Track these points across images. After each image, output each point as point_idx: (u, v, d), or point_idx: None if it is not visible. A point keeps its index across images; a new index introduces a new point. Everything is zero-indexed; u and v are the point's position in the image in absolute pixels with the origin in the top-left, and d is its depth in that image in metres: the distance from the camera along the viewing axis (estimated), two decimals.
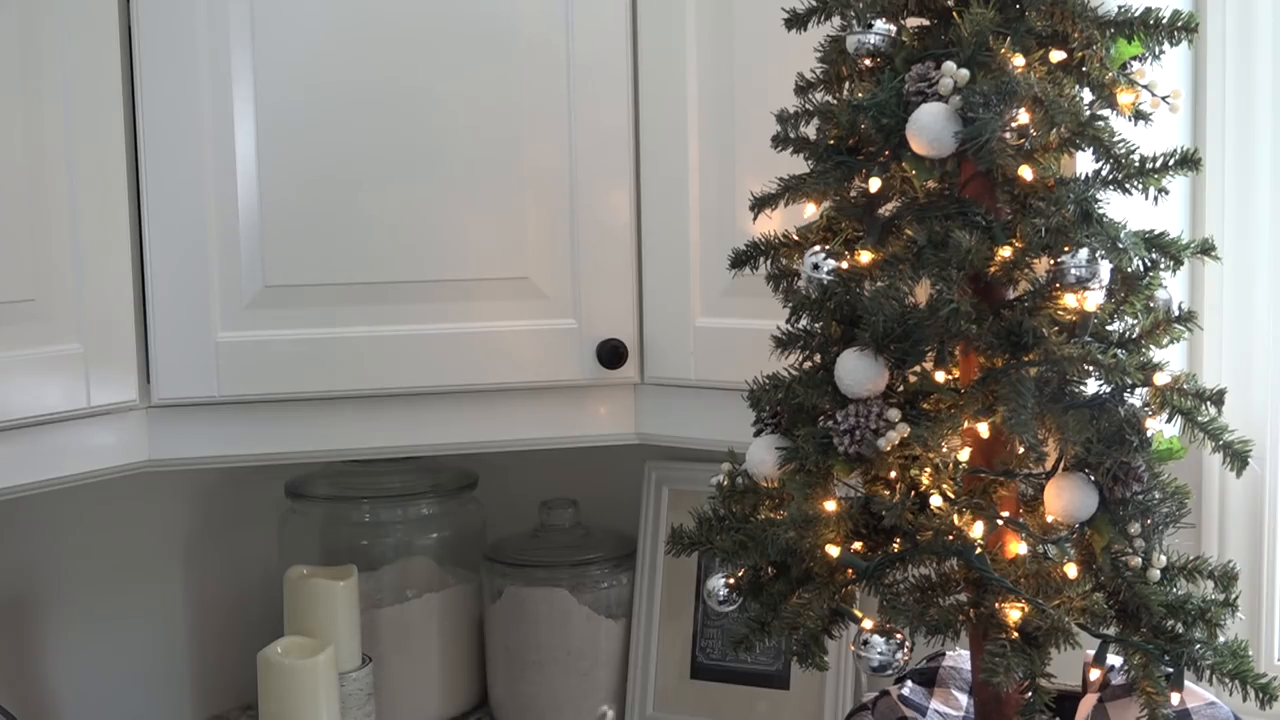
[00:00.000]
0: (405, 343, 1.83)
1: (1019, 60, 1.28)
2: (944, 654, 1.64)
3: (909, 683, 1.64)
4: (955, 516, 1.34)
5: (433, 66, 1.81)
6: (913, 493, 1.38)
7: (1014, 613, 1.34)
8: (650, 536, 2.13)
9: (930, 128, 1.29)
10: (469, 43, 1.81)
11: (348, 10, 1.79)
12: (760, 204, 1.48)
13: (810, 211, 1.46)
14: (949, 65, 1.29)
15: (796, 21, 1.44)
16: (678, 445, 2.01)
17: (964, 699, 1.62)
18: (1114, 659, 1.46)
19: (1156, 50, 1.35)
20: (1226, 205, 1.87)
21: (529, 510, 2.28)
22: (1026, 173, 1.31)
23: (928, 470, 1.37)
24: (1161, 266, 1.40)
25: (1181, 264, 1.41)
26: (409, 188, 1.81)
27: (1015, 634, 1.34)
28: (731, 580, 1.50)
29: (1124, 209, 1.38)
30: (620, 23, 1.85)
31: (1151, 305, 1.40)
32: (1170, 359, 1.38)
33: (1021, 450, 1.37)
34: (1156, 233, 1.40)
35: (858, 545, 1.43)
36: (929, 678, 1.65)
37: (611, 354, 1.87)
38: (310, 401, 1.81)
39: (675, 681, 2.11)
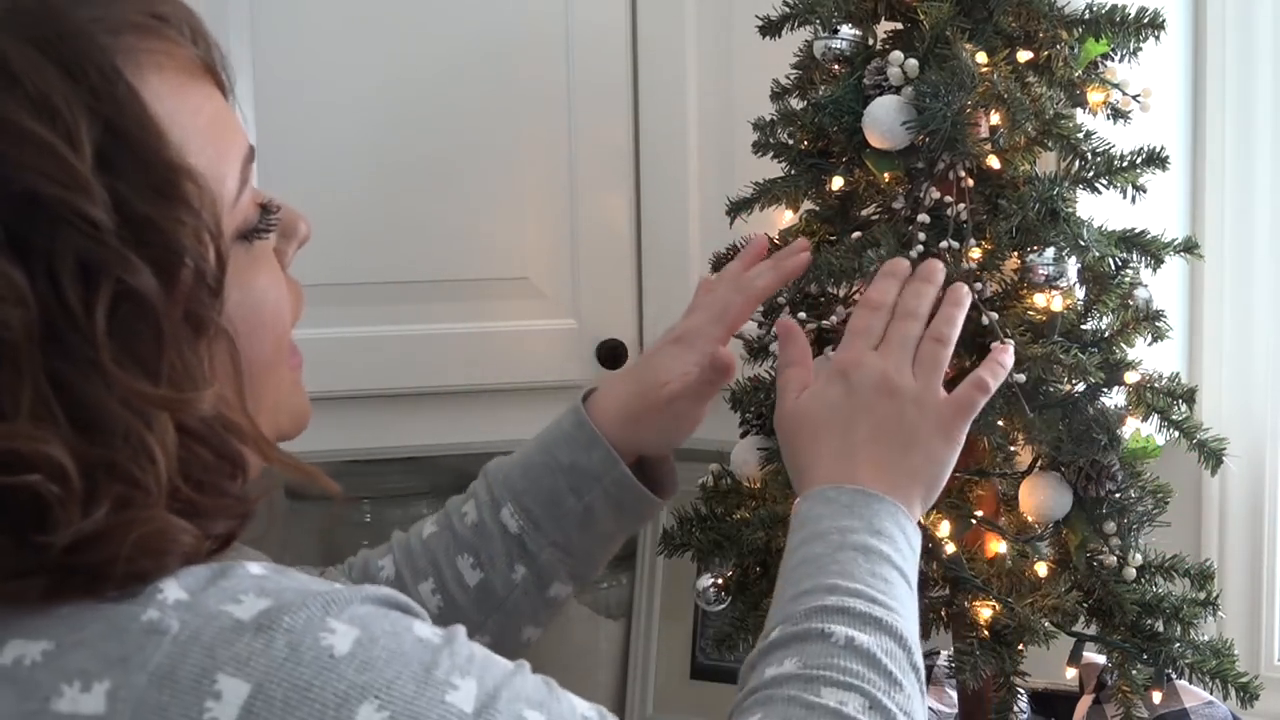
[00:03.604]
0: (405, 343, 1.84)
1: (981, 57, 1.29)
2: (938, 652, 1.64)
3: None
4: (922, 516, 1.34)
5: (432, 68, 1.82)
6: None
7: (985, 611, 1.35)
8: (650, 537, 2.14)
9: (882, 120, 1.30)
10: (468, 44, 1.83)
11: (346, 13, 1.80)
12: (736, 208, 1.49)
13: (789, 216, 1.47)
14: (896, 55, 1.30)
15: (771, 29, 1.45)
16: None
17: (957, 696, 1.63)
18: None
19: (1130, 48, 1.35)
20: (1226, 205, 1.87)
21: None
22: (994, 162, 1.32)
23: None
24: (1136, 265, 1.40)
25: (1162, 262, 1.40)
26: (407, 188, 1.83)
27: (986, 632, 1.34)
28: (720, 580, 1.50)
29: (1111, 209, 1.38)
30: (620, 26, 1.86)
31: (1130, 303, 1.40)
32: (1143, 357, 1.38)
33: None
34: (1136, 231, 1.40)
35: None
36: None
37: (611, 354, 1.87)
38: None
39: (675, 682, 2.11)
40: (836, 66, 1.38)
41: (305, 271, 1.80)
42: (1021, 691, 1.41)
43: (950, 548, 1.36)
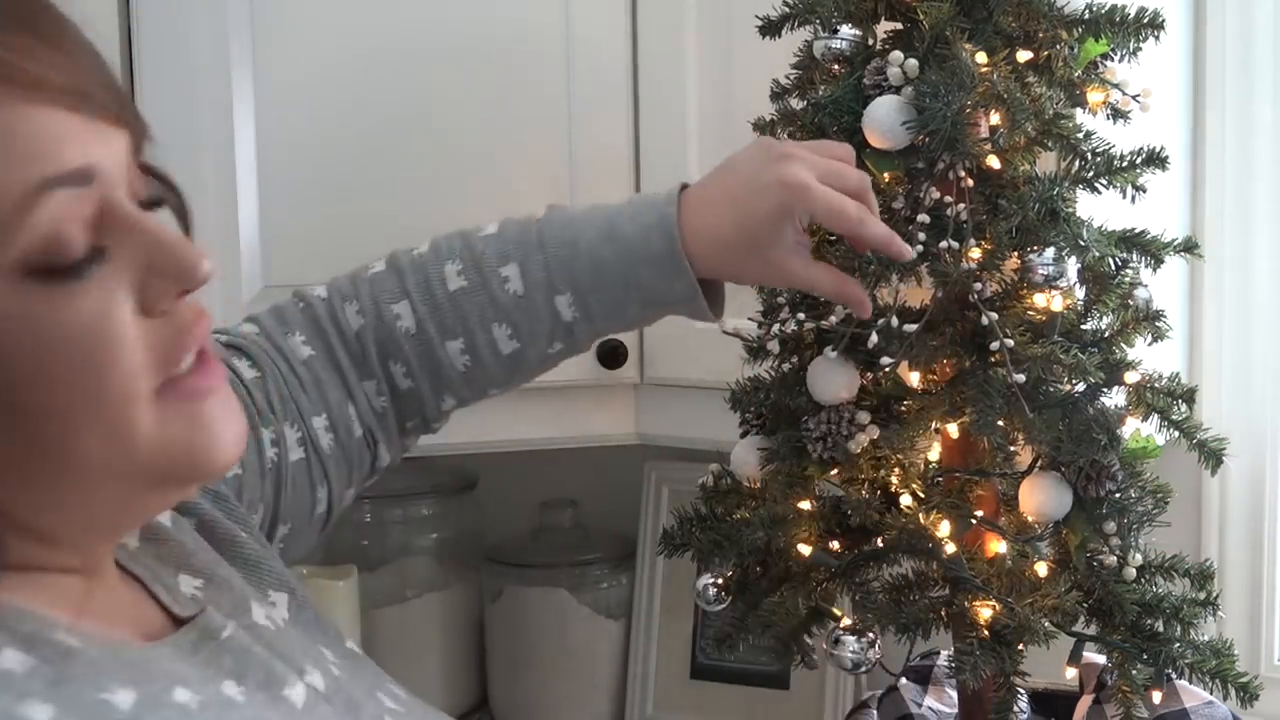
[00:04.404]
0: None
1: (981, 57, 1.29)
2: (938, 651, 1.64)
3: (904, 680, 1.64)
4: (921, 516, 1.34)
5: (431, 68, 1.82)
6: (879, 492, 1.38)
7: (985, 611, 1.35)
8: (650, 537, 2.14)
9: (883, 120, 1.30)
10: (467, 45, 1.82)
11: (348, 14, 1.80)
12: None
13: None
14: (896, 55, 1.30)
15: (770, 29, 1.44)
16: (678, 445, 2.01)
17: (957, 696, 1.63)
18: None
19: (1130, 47, 1.36)
20: (1226, 205, 1.87)
21: (529, 510, 2.27)
22: (994, 162, 1.32)
23: (896, 470, 1.37)
24: (1136, 265, 1.39)
25: (1162, 262, 1.40)
26: (408, 188, 1.82)
27: (986, 632, 1.34)
28: (720, 580, 1.50)
29: (1111, 209, 1.38)
30: (620, 26, 1.86)
31: (1130, 303, 1.40)
32: (1143, 357, 1.38)
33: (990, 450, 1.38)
34: (1136, 231, 1.40)
35: (835, 544, 1.43)
36: (924, 675, 1.66)
37: (611, 354, 1.86)
38: None
39: (675, 681, 2.11)
40: (836, 66, 1.38)
41: (305, 273, 1.81)
42: (1021, 691, 1.40)
43: (950, 548, 1.36)
